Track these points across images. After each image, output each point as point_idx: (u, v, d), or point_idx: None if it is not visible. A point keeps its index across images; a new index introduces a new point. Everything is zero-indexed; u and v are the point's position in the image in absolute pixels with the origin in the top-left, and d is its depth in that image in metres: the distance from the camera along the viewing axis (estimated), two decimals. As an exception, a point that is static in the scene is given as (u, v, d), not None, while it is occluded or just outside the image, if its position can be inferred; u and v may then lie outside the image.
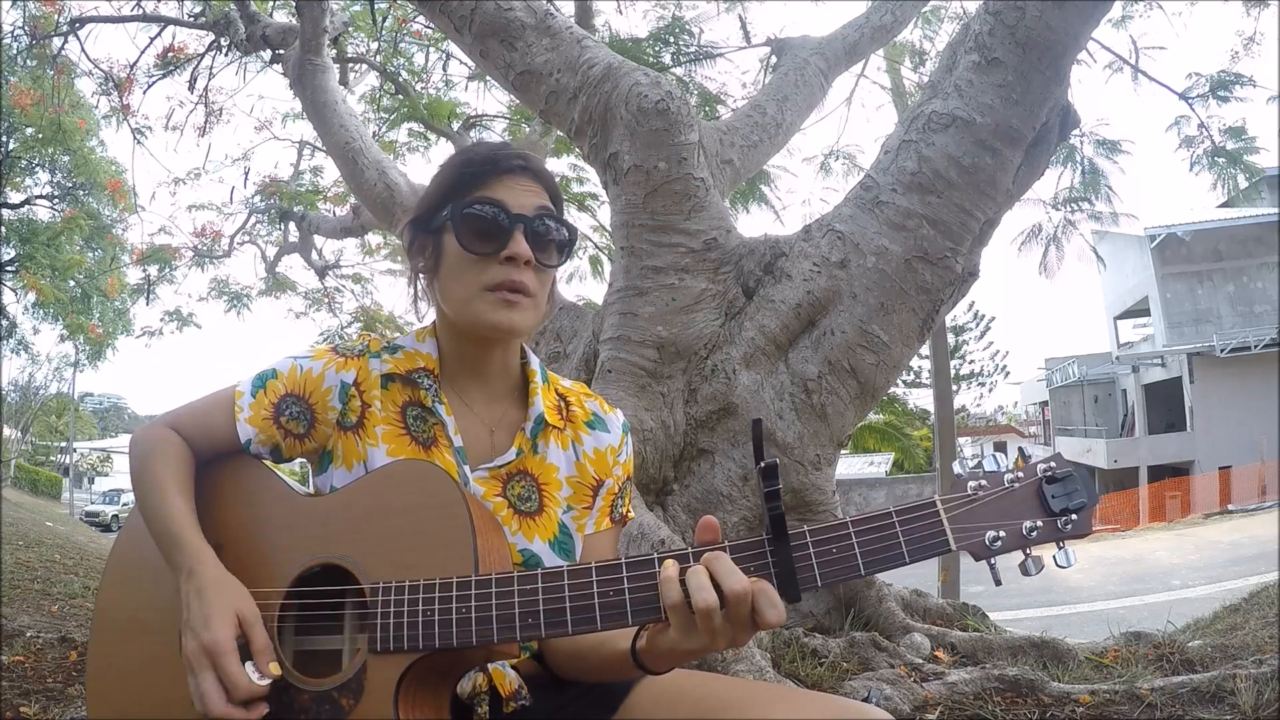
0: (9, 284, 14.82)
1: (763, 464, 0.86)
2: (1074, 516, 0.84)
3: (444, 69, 8.40)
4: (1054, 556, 0.84)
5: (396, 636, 0.93)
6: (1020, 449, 0.90)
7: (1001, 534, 0.84)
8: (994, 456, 0.87)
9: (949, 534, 0.84)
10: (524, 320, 1.08)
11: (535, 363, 1.19)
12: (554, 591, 0.90)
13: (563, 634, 0.90)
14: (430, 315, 1.18)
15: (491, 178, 1.08)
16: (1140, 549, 14.68)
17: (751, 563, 0.86)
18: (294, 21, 5.93)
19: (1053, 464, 0.86)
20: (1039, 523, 0.84)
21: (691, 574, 0.84)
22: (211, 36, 6.80)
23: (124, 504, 29.51)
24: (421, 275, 1.14)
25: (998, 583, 0.84)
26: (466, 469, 1.09)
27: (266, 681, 0.93)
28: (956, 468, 0.88)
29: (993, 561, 0.85)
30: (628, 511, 1.22)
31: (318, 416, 1.11)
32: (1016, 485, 0.86)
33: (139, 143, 8.15)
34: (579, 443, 1.17)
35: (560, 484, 1.15)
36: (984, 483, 0.86)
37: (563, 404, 1.19)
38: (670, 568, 0.85)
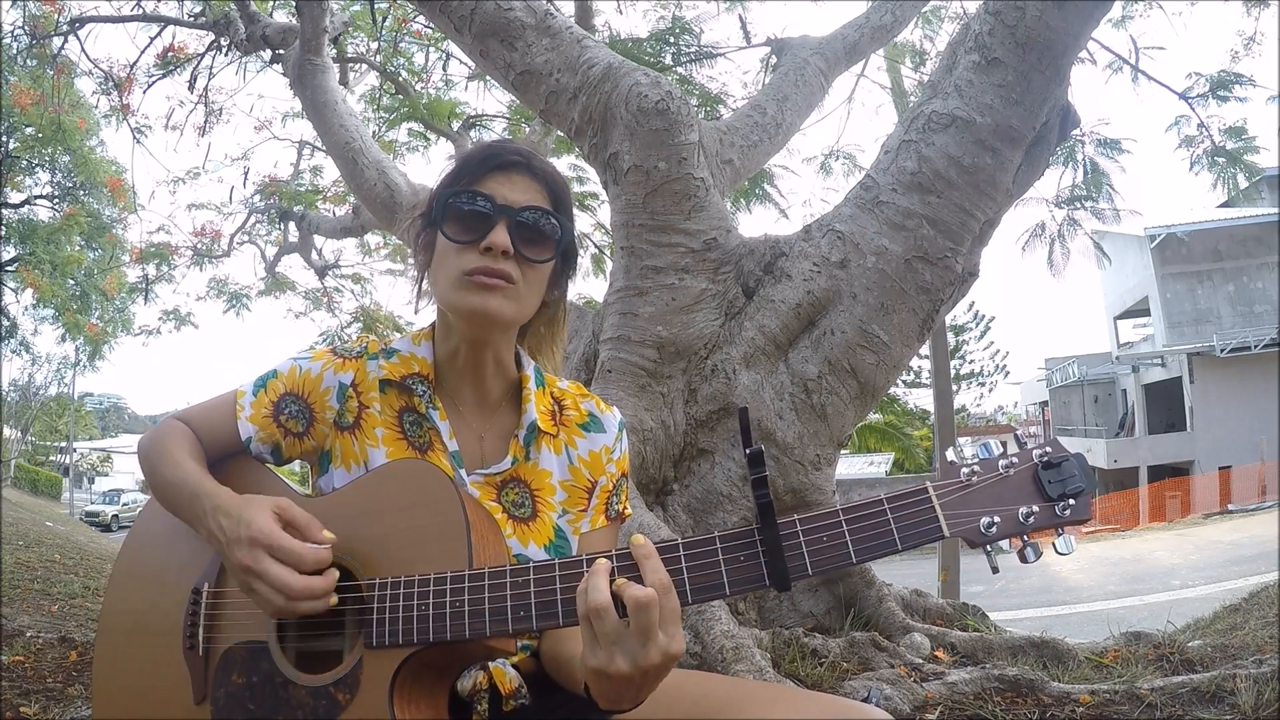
0: (9, 284, 14.84)
1: (749, 451, 0.85)
2: (1072, 501, 0.83)
3: (444, 69, 8.43)
4: (1054, 543, 0.82)
5: (391, 631, 0.93)
6: (1016, 434, 0.88)
7: (996, 519, 0.83)
8: (988, 444, 0.85)
9: (941, 520, 0.83)
10: (502, 307, 1.06)
11: (530, 368, 1.19)
12: (545, 584, 0.90)
13: (554, 626, 0.90)
14: (430, 316, 1.18)
15: (485, 172, 1.08)
16: (1140, 549, 14.68)
17: (741, 552, 0.86)
18: (294, 21, 5.93)
19: (1049, 449, 0.85)
20: (1035, 508, 0.83)
21: (589, 575, 0.85)
22: (211, 36, 6.81)
23: (124, 504, 29.53)
24: (423, 270, 1.15)
25: (995, 570, 0.83)
26: (463, 473, 1.10)
27: (325, 547, 0.96)
28: (950, 455, 0.86)
29: (989, 548, 0.84)
30: (624, 508, 1.21)
31: (316, 416, 1.13)
32: (1011, 471, 0.84)
33: (139, 142, 8.19)
34: (572, 446, 1.17)
35: (554, 489, 1.15)
36: (978, 469, 0.85)
37: (557, 407, 1.19)
38: (583, 583, 0.85)
